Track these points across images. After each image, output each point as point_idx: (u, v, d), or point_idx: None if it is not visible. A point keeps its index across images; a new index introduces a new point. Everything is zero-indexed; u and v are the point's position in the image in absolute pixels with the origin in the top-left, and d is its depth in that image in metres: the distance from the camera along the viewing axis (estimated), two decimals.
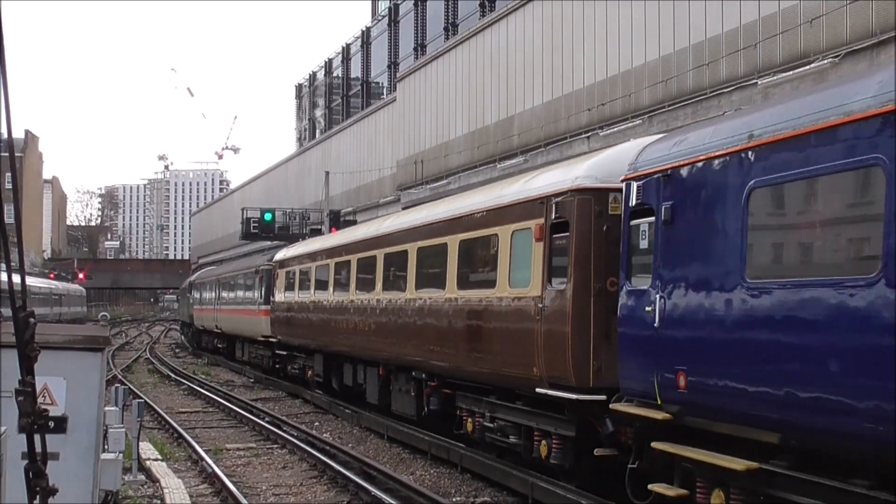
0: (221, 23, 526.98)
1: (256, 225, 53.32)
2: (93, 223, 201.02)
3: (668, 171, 10.16)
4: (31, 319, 3.58)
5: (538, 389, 12.94)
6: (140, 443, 16.64)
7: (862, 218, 7.82)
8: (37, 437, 3.69)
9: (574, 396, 12.04)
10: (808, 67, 21.08)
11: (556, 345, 12.54)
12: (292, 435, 20.45)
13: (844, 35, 20.50)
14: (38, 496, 3.71)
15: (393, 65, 71.05)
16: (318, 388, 27.45)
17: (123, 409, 15.16)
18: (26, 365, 3.61)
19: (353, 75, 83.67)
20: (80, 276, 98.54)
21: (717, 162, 9.34)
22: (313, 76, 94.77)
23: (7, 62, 3.34)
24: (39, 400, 3.81)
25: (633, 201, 10.85)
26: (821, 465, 8.05)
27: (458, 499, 14.13)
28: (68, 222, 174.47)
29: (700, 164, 9.62)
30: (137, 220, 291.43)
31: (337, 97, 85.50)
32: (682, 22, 25.76)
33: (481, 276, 15.34)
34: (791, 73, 21.53)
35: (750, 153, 8.79)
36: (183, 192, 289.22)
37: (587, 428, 12.26)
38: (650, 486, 10.15)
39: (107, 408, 10.51)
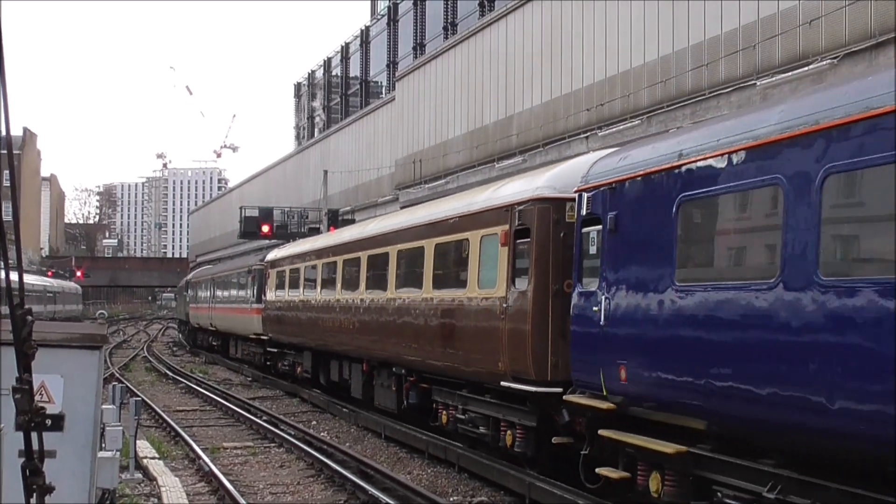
0: (220, 21, 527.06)
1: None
2: (91, 221, 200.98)
3: (613, 185, 11.32)
4: (29, 317, 3.58)
5: (503, 383, 14.01)
6: (137, 441, 16.64)
7: (765, 229, 8.87)
8: (34, 435, 3.69)
9: (534, 389, 13.13)
10: (807, 69, 21.09)
11: (518, 342, 13.60)
12: (290, 434, 20.45)
13: (843, 36, 20.51)
14: (34, 494, 3.71)
15: (392, 64, 71.05)
16: (307, 384, 28.32)
17: (121, 408, 15.15)
18: (23, 363, 3.60)
19: (351, 74, 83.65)
20: (78, 273, 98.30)
21: (653, 177, 10.46)
22: (312, 75, 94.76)
23: (5, 60, 3.34)
24: (36, 398, 3.80)
25: (584, 211, 12.01)
26: (738, 448, 9.14)
27: (456, 498, 14.13)
28: (66, 220, 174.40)
29: (639, 179, 10.79)
30: (135, 218, 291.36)
31: (336, 96, 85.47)
32: (681, 23, 25.77)
33: (454, 278, 16.39)
34: (790, 74, 21.54)
35: (679, 170, 9.92)
36: (181, 190, 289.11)
37: (547, 418, 13.31)
38: (598, 470, 11.32)
39: (104, 406, 10.50)
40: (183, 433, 20.60)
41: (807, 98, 8.80)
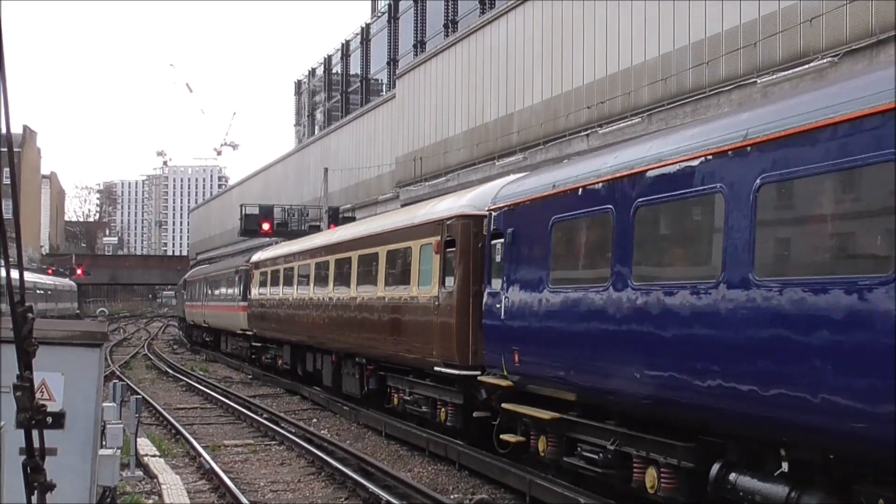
0: (220, 18, 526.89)
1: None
2: (91, 219, 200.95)
3: (511, 206, 14.26)
4: (30, 314, 3.58)
5: (436, 368, 16.94)
6: (138, 439, 16.64)
7: (603, 245, 11.49)
8: (35, 433, 3.69)
9: (458, 373, 16.09)
10: (807, 66, 21.08)
11: (446, 333, 16.55)
12: (290, 431, 20.46)
13: (844, 34, 20.50)
14: (35, 492, 3.71)
15: (392, 62, 71.02)
16: (286, 374, 31.54)
17: (121, 405, 15.15)
18: (24, 360, 3.60)
19: (352, 72, 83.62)
20: (79, 271, 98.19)
21: (537, 202, 13.34)
22: (312, 72, 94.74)
23: (5, 57, 3.33)
24: (37, 395, 3.80)
25: (492, 227, 14.92)
26: (597, 414, 11.88)
27: (456, 496, 14.14)
28: (66, 218, 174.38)
29: (528, 203, 13.68)
30: (136, 216, 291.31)
31: (336, 94, 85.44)
32: (682, 20, 25.75)
33: (401, 279, 19.44)
34: (790, 72, 21.53)
35: (553, 197, 12.77)
36: (181, 188, 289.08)
37: (471, 397, 16.14)
38: (502, 437, 14.37)
39: (105, 404, 10.50)
40: (184, 431, 20.60)
41: (628, 150, 11.61)
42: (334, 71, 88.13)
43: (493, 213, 14.87)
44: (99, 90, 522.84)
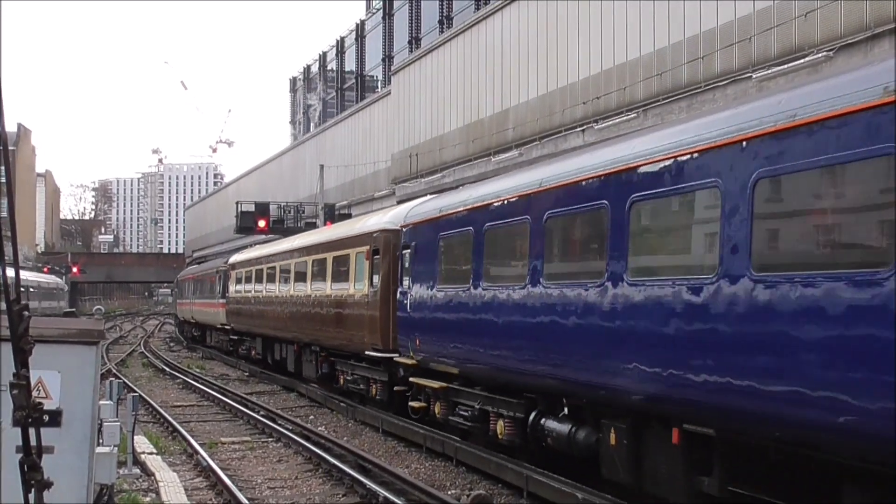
0: (215, 15, 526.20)
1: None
2: (86, 217, 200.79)
3: (415, 225, 18.32)
4: (26, 313, 3.57)
5: (366, 352, 21.08)
6: (135, 436, 16.62)
7: (466, 256, 15.40)
8: (31, 431, 3.68)
9: (381, 355, 20.21)
10: (802, 61, 21.09)
11: (374, 323, 20.73)
12: (287, 428, 20.47)
13: (839, 29, 20.51)
14: (33, 490, 3.71)
15: (387, 58, 70.99)
16: (259, 363, 36.00)
17: (118, 403, 15.14)
18: (21, 358, 3.60)
19: (347, 69, 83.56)
20: (74, 270, 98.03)
21: (430, 222, 17.32)
22: (308, 69, 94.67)
23: (1, 56, 3.33)
24: (34, 393, 3.80)
25: (403, 240, 19.04)
26: (474, 383, 15.62)
27: (454, 492, 14.14)
28: (62, 216, 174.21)
29: (425, 223, 17.68)
30: (131, 213, 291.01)
31: (331, 90, 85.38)
32: (676, 15, 25.75)
33: (343, 279, 23.64)
34: (785, 66, 21.54)
35: (440, 219, 16.81)
36: (177, 185, 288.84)
37: (393, 375, 19.84)
38: (410, 404, 18.31)
39: (101, 401, 10.51)
40: (181, 428, 20.60)
41: (486, 186, 15.91)
42: (329, 68, 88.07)
43: (404, 229, 19.06)
44: (93, 88, 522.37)
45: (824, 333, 7.69)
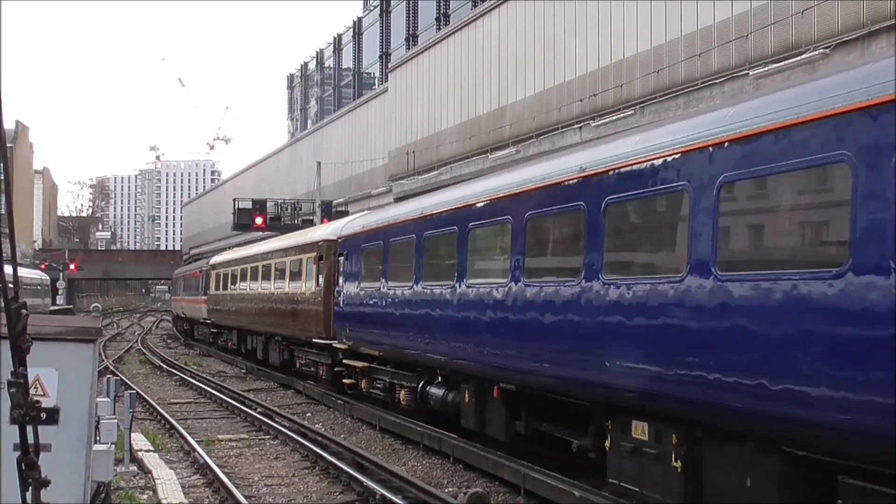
0: (212, 12, 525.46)
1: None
2: (84, 214, 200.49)
3: (346, 237, 22.70)
4: (24, 311, 3.57)
5: (314, 340, 25.41)
6: (132, 434, 16.60)
7: (378, 264, 19.73)
8: (29, 429, 3.69)
9: (324, 342, 24.57)
10: (799, 58, 21.09)
11: (319, 316, 24.96)
12: (284, 426, 20.47)
13: (836, 26, 20.51)
14: (31, 488, 3.71)
15: (385, 55, 70.93)
16: (235, 353, 40.47)
17: (115, 400, 15.15)
18: (18, 356, 3.60)
19: (344, 66, 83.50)
20: (72, 266, 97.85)
21: (356, 236, 21.77)
22: (305, 67, 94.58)
23: (1, 56, 3.33)
24: (31, 391, 3.80)
25: (339, 249, 23.25)
26: (402, 365, 18.92)
27: (451, 489, 14.13)
28: (59, 213, 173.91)
29: (353, 235, 22.10)
30: (129, 210, 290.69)
31: (329, 87, 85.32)
32: (673, 12, 25.75)
33: (297, 279, 28.21)
34: (782, 63, 21.54)
35: (361, 235, 21.21)
36: (174, 182, 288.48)
37: (336, 359, 23.83)
38: (343, 381, 23.16)
39: (99, 399, 10.50)
40: (178, 426, 20.60)
41: (402, 207, 20.49)
42: (326, 65, 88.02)
43: (340, 240, 23.43)
44: (91, 85, 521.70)
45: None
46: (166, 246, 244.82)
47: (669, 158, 9.56)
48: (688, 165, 9.27)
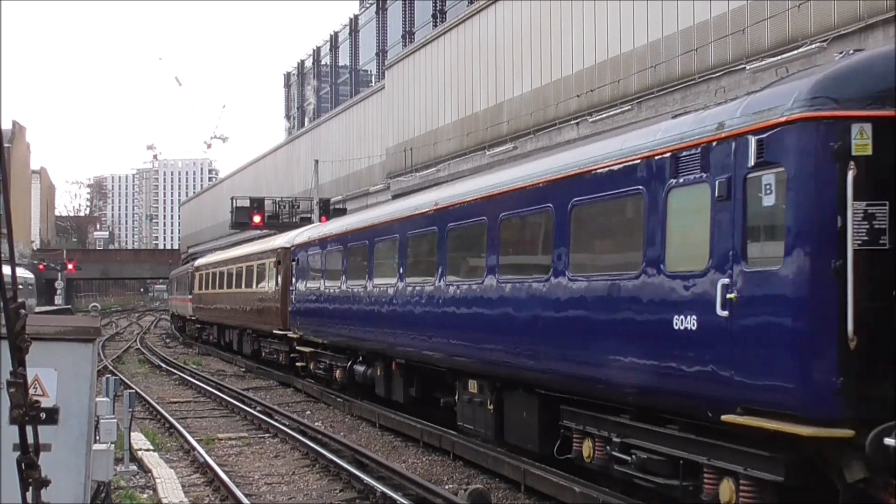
0: (209, 11, 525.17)
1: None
2: (81, 214, 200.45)
3: (297, 245, 27.00)
4: (22, 310, 3.57)
5: (274, 331, 30.14)
6: (132, 433, 16.59)
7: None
8: (29, 429, 3.68)
9: (281, 332, 29.06)
10: (796, 52, 21.09)
11: (277, 311, 29.43)
12: (284, 424, 20.46)
13: (832, 20, 20.51)
14: (30, 488, 3.71)
15: (381, 52, 70.91)
16: (216, 346, 44.97)
17: (115, 400, 15.14)
18: (17, 356, 3.60)
19: (341, 63, 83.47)
20: (70, 266, 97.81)
21: (308, 244, 25.81)
22: (301, 64, 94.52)
23: (0, 57, 3.32)
24: (31, 391, 3.79)
25: (294, 255, 27.32)
26: (338, 349, 23.42)
27: (451, 486, 14.13)
28: (57, 213, 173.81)
29: (302, 244, 26.50)
30: (126, 210, 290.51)
31: (325, 85, 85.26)
32: (670, 7, 25.75)
33: (262, 281, 33.00)
34: (779, 57, 21.54)
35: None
36: (172, 181, 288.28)
37: (292, 347, 27.96)
38: (296, 364, 27.64)
39: (98, 398, 10.50)
40: (177, 425, 20.58)
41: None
42: (323, 62, 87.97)
43: (293, 248, 27.76)
44: (88, 85, 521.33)
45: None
46: (164, 245, 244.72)
47: (540, 185, 12.49)
48: (553, 190, 12.04)
